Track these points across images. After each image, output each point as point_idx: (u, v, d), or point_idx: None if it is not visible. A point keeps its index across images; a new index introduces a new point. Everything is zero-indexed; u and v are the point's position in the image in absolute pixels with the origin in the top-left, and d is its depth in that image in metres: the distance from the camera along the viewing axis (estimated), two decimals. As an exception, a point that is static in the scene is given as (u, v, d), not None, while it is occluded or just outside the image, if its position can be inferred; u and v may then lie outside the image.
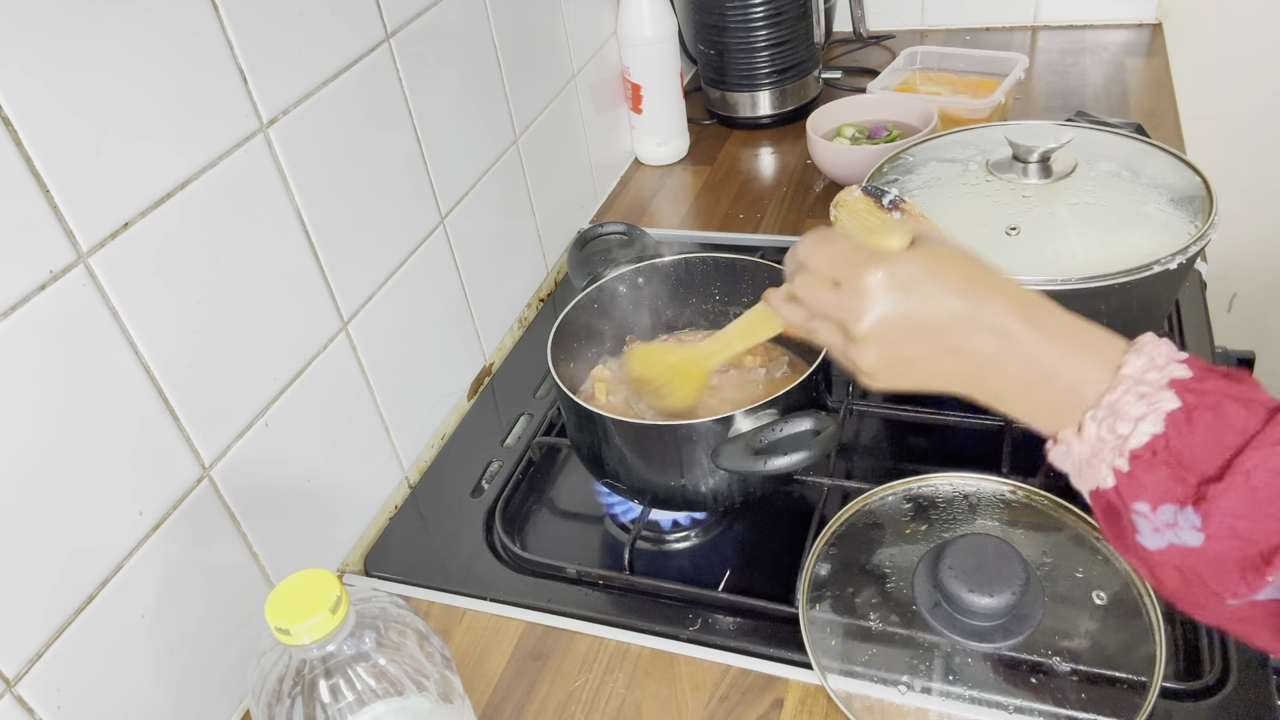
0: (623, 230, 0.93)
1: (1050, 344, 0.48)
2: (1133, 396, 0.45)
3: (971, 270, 0.50)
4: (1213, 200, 0.74)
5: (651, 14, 1.21)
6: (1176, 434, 0.43)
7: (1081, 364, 0.47)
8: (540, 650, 0.70)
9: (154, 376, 0.60)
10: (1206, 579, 0.43)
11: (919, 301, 0.49)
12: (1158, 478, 0.44)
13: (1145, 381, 0.45)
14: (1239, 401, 0.43)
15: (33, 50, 0.51)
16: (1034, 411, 0.49)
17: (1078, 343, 0.48)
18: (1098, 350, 0.47)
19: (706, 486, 0.73)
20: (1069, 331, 0.48)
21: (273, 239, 0.69)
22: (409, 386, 0.87)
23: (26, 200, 0.51)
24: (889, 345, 0.51)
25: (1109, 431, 0.45)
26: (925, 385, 0.52)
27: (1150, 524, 0.44)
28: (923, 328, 0.50)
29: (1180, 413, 0.43)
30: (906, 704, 0.60)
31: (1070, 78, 1.34)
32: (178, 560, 0.63)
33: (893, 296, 0.50)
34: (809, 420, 0.67)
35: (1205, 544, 0.42)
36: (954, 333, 0.49)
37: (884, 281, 0.50)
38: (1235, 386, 0.44)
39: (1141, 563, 0.46)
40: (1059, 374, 0.47)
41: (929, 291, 0.49)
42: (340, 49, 0.74)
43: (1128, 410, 0.44)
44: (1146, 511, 0.44)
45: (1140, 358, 0.45)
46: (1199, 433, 0.43)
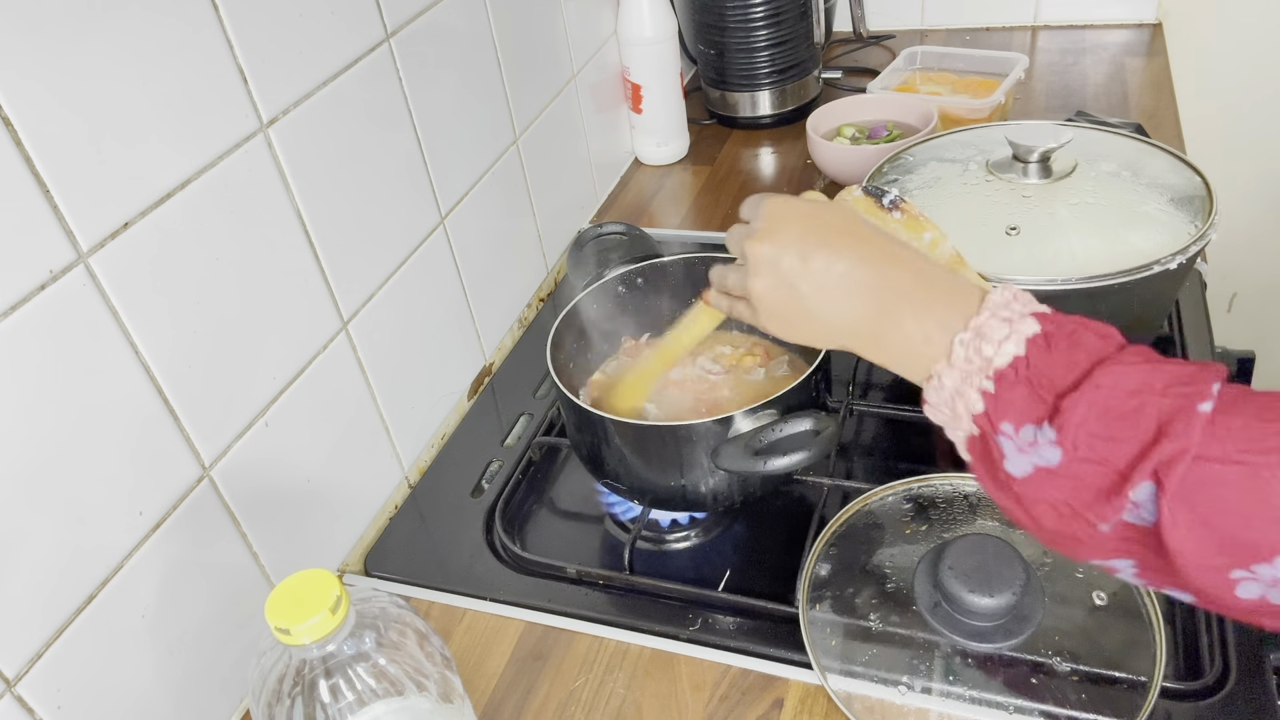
0: (622, 230, 0.93)
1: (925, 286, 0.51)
2: (997, 320, 0.48)
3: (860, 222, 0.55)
4: (1213, 200, 0.74)
5: (651, 14, 1.21)
6: (1036, 355, 0.46)
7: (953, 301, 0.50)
8: (540, 650, 0.70)
9: (154, 376, 0.60)
10: (1076, 507, 0.45)
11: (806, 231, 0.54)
12: (1019, 395, 0.46)
13: (1008, 308, 0.48)
14: (1095, 333, 0.47)
15: (33, 50, 0.51)
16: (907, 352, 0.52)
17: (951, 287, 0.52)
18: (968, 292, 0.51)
19: (706, 486, 0.73)
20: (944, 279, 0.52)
21: (273, 239, 0.69)
22: (409, 386, 0.87)
23: (26, 200, 0.51)
24: (776, 269, 0.55)
25: (975, 353, 0.48)
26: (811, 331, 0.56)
27: (1015, 445, 0.46)
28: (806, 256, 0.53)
29: (1040, 337, 0.47)
30: (906, 704, 0.60)
31: (1070, 78, 1.34)
32: (178, 560, 0.63)
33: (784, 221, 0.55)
34: (809, 420, 0.67)
35: (1063, 462, 0.44)
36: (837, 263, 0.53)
37: (779, 209, 0.55)
38: (1093, 323, 0.47)
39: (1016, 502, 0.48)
40: (931, 311, 0.51)
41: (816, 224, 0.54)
42: (340, 49, 0.74)
43: (992, 333, 0.47)
44: (1010, 432, 0.46)
45: (1005, 293, 0.49)
46: (1057, 354, 0.46)
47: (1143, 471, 0.42)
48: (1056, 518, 0.46)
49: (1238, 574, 0.41)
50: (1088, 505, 0.44)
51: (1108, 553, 0.46)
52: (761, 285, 0.56)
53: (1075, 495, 0.45)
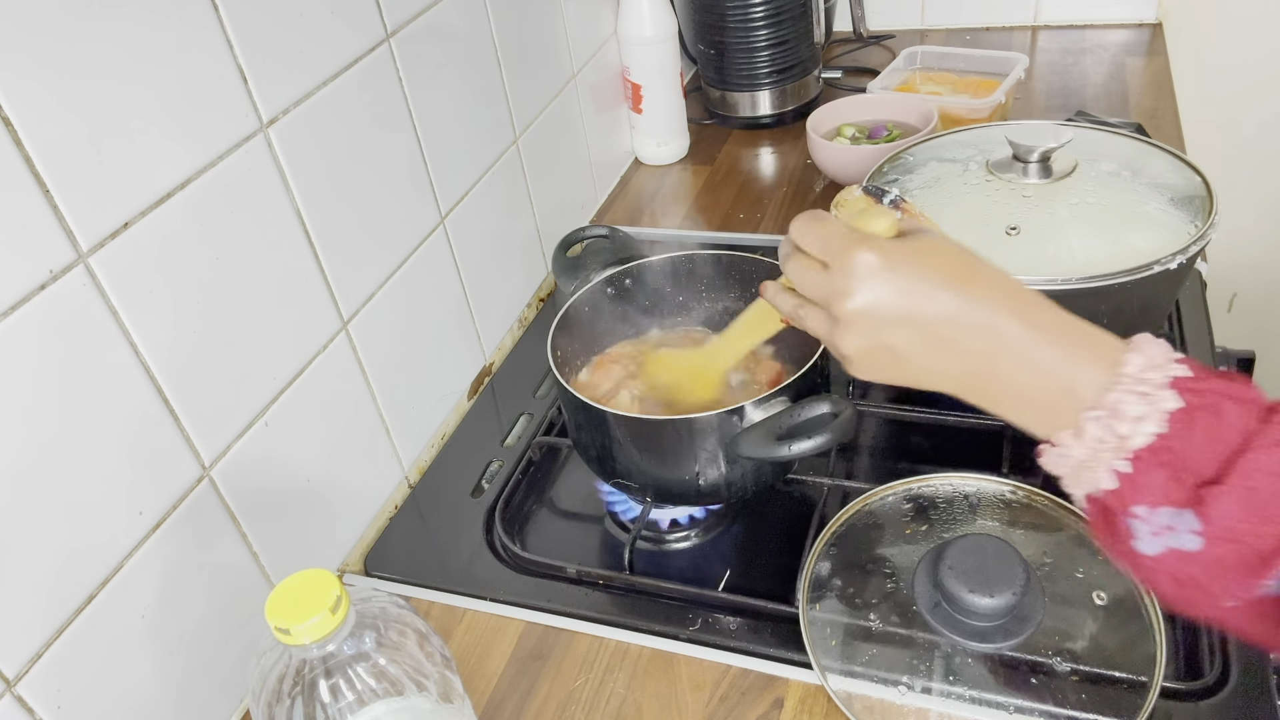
0: (604, 233, 0.94)
1: (1046, 342, 0.46)
2: (1133, 396, 0.43)
3: (964, 262, 0.49)
4: (1213, 200, 0.74)
5: (651, 14, 1.21)
6: (1177, 435, 0.42)
7: (1078, 363, 0.46)
8: (540, 650, 0.70)
9: (154, 376, 0.60)
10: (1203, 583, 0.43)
11: (908, 290, 0.48)
12: (1157, 479, 0.43)
13: (1145, 380, 0.44)
14: (1236, 401, 0.43)
15: (33, 50, 0.51)
16: (1027, 413, 0.48)
17: (1074, 342, 0.46)
18: (1095, 349, 0.46)
19: (721, 478, 0.73)
20: (1065, 330, 0.47)
21: (273, 239, 0.69)
22: (409, 386, 0.87)
23: (26, 200, 0.51)
24: (872, 331, 0.49)
25: (1109, 432, 0.44)
26: (911, 380, 0.50)
27: (1149, 528, 0.43)
28: (908, 316, 0.48)
29: (1181, 413, 0.43)
30: (906, 704, 0.60)
31: (1070, 78, 1.34)
32: (178, 560, 0.63)
33: (880, 280, 0.48)
34: (825, 404, 0.67)
35: (1204, 548, 0.42)
36: (942, 326, 0.47)
37: (872, 264, 0.48)
38: (1232, 386, 0.43)
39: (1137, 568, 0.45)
40: (1055, 374, 0.46)
41: (918, 279, 0.48)
42: (340, 49, 0.74)
43: (1128, 410, 0.43)
44: (1145, 514, 0.43)
45: (1140, 357, 0.44)
46: (1198, 433, 0.42)
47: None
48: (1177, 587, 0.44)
49: None
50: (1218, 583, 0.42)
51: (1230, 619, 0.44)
52: (855, 345, 0.50)
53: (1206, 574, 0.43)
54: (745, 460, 0.71)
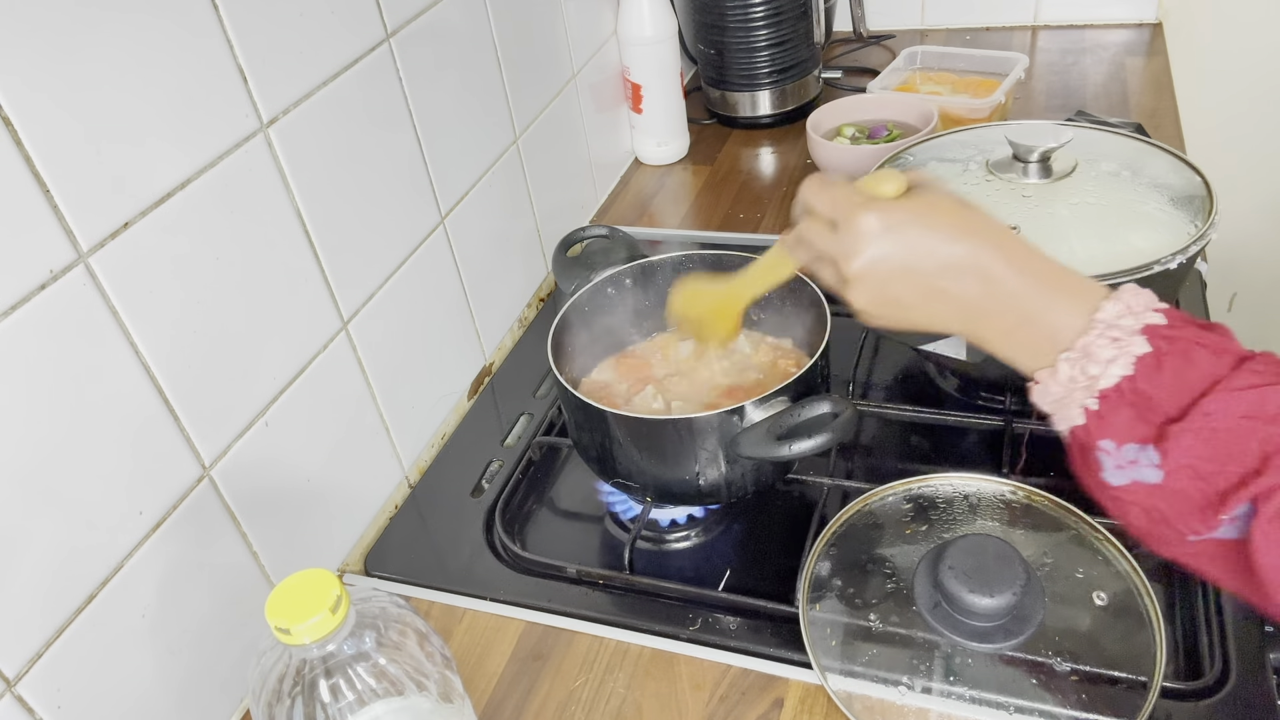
0: (604, 233, 0.94)
1: (1033, 288, 0.50)
2: (1105, 340, 0.47)
3: (960, 216, 0.52)
4: (1213, 200, 0.74)
5: (651, 14, 1.21)
6: (1144, 377, 0.46)
7: (1061, 308, 0.49)
8: (540, 650, 0.70)
9: (154, 376, 0.60)
10: (1169, 517, 0.46)
11: (908, 245, 0.52)
12: (1123, 417, 0.46)
13: (1118, 326, 0.47)
14: (1208, 349, 0.46)
15: (33, 50, 0.51)
16: (1015, 352, 0.51)
17: (1059, 288, 0.50)
18: (1078, 295, 0.49)
19: (721, 478, 0.73)
20: (1052, 277, 0.50)
21: (273, 239, 0.69)
22: (409, 386, 0.87)
23: (26, 200, 0.51)
24: (879, 285, 0.53)
25: (1081, 372, 0.47)
26: (916, 324, 0.55)
27: (1114, 460, 0.46)
28: (911, 270, 0.52)
29: (1150, 357, 0.46)
30: (907, 704, 0.60)
31: (1070, 77, 1.34)
32: (178, 560, 0.63)
33: (884, 240, 0.52)
34: (826, 404, 0.67)
35: (1165, 480, 0.45)
36: (941, 276, 0.52)
37: (876, 225, 0.52)
38: (1207, 335, 0.46)
39: (1110, 500, 0.48)
40: (1039, 317, 0.50)
41: (918, 236, 0.52)
42: (340, 49, 0.74)
43: (1099, 353, 0.47)
44: (1111, 449, 0.46)
45: (1117, 304, 0.48)
46: (1166, 376, 0.45)
47: (1242, 497, 0.43)
48: (1148, 521, 0.47)
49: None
50: (1181, 518, 0.45)
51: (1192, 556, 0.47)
52: (864, 299, 0.55)
53: (1170, 507, 0.45)
54: (745, 460, 0.71)
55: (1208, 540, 0.45)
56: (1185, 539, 0.46)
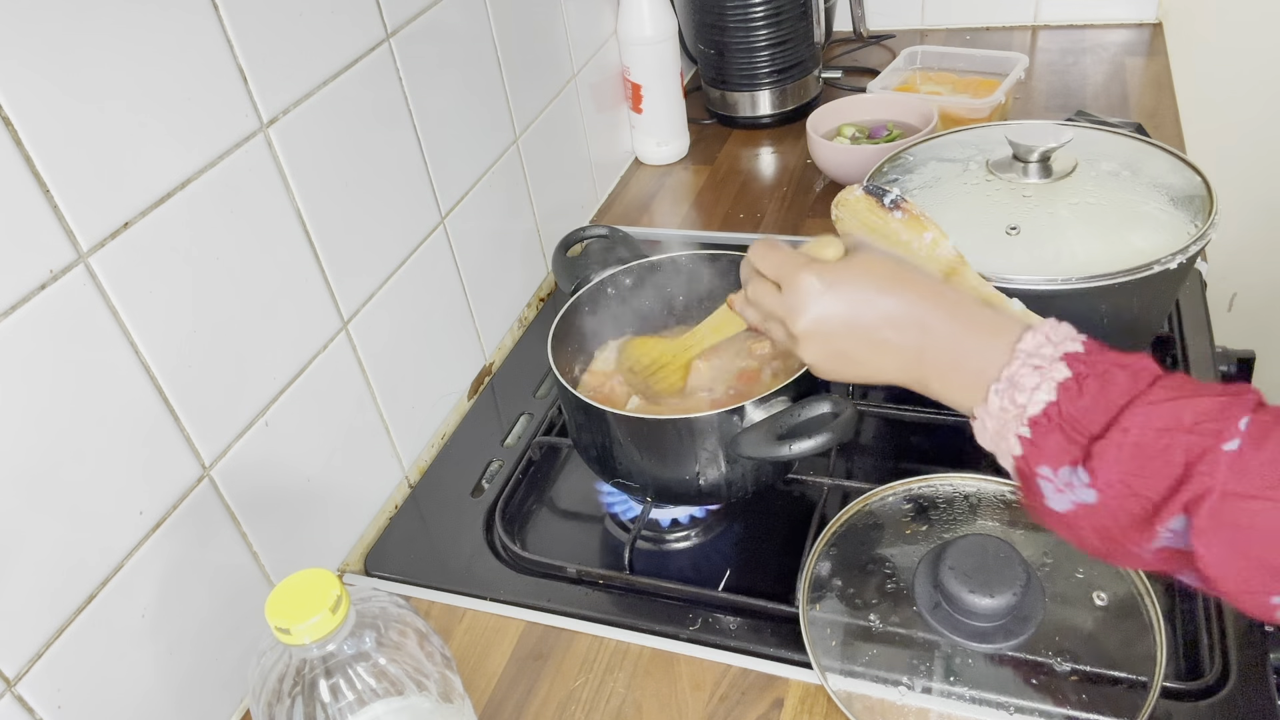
0: (604, 233, 0.94)
1: (963, 332, 0.53)
2: (1028, 369, 0.49)
3: (894, 271, 0.56)
4: (1213, 200, 0.74)
5: (651, 14, 1.21)
6: (1067, 400, 0.47)
7: (987, 345, 0.52)
8: (540, 650, 0.70)
9: (154, 376, 0.60)
10: (1115, 534, 0.47)
11: (848, 301, 0.55)
12: (1054, 442, 0.47)
13: (1039, 355, 0.49)
14: (1126, 370, 0.47)
15: (33, 50, 0.51)
16: (953, 393, 0.54)
17: (987, 328, 0.52)
18: (1002, 332, 0.52)
19: (721, 478, 0.73)
20: (980, 320, 0.53)
21: (273, 239, 0.69)
22: (409, 386, 0.87)
23: (26, 200, 0.51)
24: (825, 340, 0.56)
25: (1010, 402, 0.49)
26: (865, 377, 0.57)
27: (1053, 486, 0.48)
28: (853, 325, 0.55)
29: (1071, 382, 0.48)
30: (906, 704, 0.60)
31: (1070, 77, 1.34)
32: (178, 560, 0.63)
33: (826, 297, 0.55)
34: (826, 404, 0.67)
35: (1100, 499, 0.46)
36: (881, 328, 0.54)
37: (817, 284, 0.56)
38: (1126, 357, 0.48)
39: (1062, 526, 0.49)
40: (970, 357, 0.52)
41: (857, 292, 0.55)
42: (340, 48, 0.74)
43: (1024, 381, 0.49)
44: (1049, 474, 0.48)
45: (1036, 335, 0.50)
46: (1087, 398, 0.47)
47: (1173, 507, 0.44)
48: (1100, 541, 0.48)
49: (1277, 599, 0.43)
50: (1125, 534, 0.46)
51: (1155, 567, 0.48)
52: (812, 355, 0.57)
53: (1114, 524, 0.46)
54: (745, 460, 0.71)
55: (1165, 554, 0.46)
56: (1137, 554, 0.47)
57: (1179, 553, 0.45)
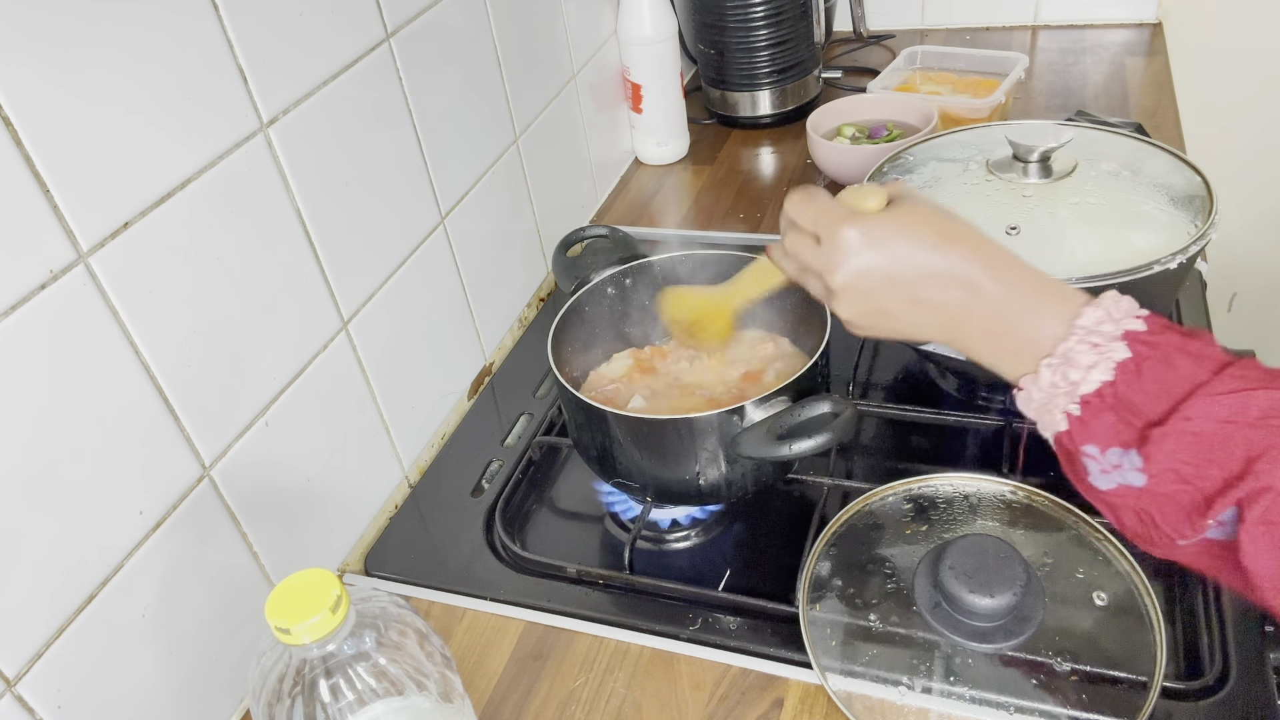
0: (604, 233, 0.94)
1: (1014, 296, 0.51)
2: (1085, 346, 0.47)
3: (941, 226, 0.53)
4: (1213, 200, 0.74)
5: (651, 14, 1.21)
6: (1125, 382, 0.46)
7: (1042, 315, 0.50)
8: (540, 650, 0.70)
9: (154, 376, 0.60)
10: (1157, 521, 0.46)
11: (890, 257, 0.53)
12: (1105, 422, 0.46)
13: (1099, 332, 0.47)
14: (1189, 355, 0.46)
15: (33, 50, 0.51)
16: (999, 359, 0.52)
17: (1040, 295, 0.50)
18: (1059, 302, 0.50)
19: (721, 478, 0.73)
20: (1033, 284, 0.51)
21: (273, 238, 0.69)
22: (409, 386, 0.87)
23: (26, 200, 0.51)
24: (864, 296, 0.54)
25: (1062, 378, 0.48)
26: (902, 334, 0.56)
27: (1099, 465, 0.47)
28: (894, 281, 0.53)
29: (1130, 362, 0.46)
30: (906, 704, 0.60)
31: (1070, 77, 1.34)
32: (178, 560, 0.63)
33: (866, 253, 0.53)
34: (826, 404, 0.67)
35: (1149, 484, 0.45)
36: (923, 286, 0.52)
37: (858, 238, 0.53)
38: (1188, 341, 0.47)
39: (1101, 503, 0.49)
40: (1020, 324, 0.50)
41: (900, 247, 0.53)
42: (340, 48, 0.74)
43: (1080, 359, 0.47)
44: (1095, 454, 0.47)
45: (1097, 310, 0.48)
46: (1146, 381, 0.46)
47: (1226, 501, 0.43)
48: (1138, 523, 0.47)
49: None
50: (1169, 522, 0.45)
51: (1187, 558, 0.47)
52: (850, 310, 0.56)
53: (1158, 511, 0.46)
54: (746, 460, 0.71)
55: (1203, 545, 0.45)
56: (1175, 542, 0.46)
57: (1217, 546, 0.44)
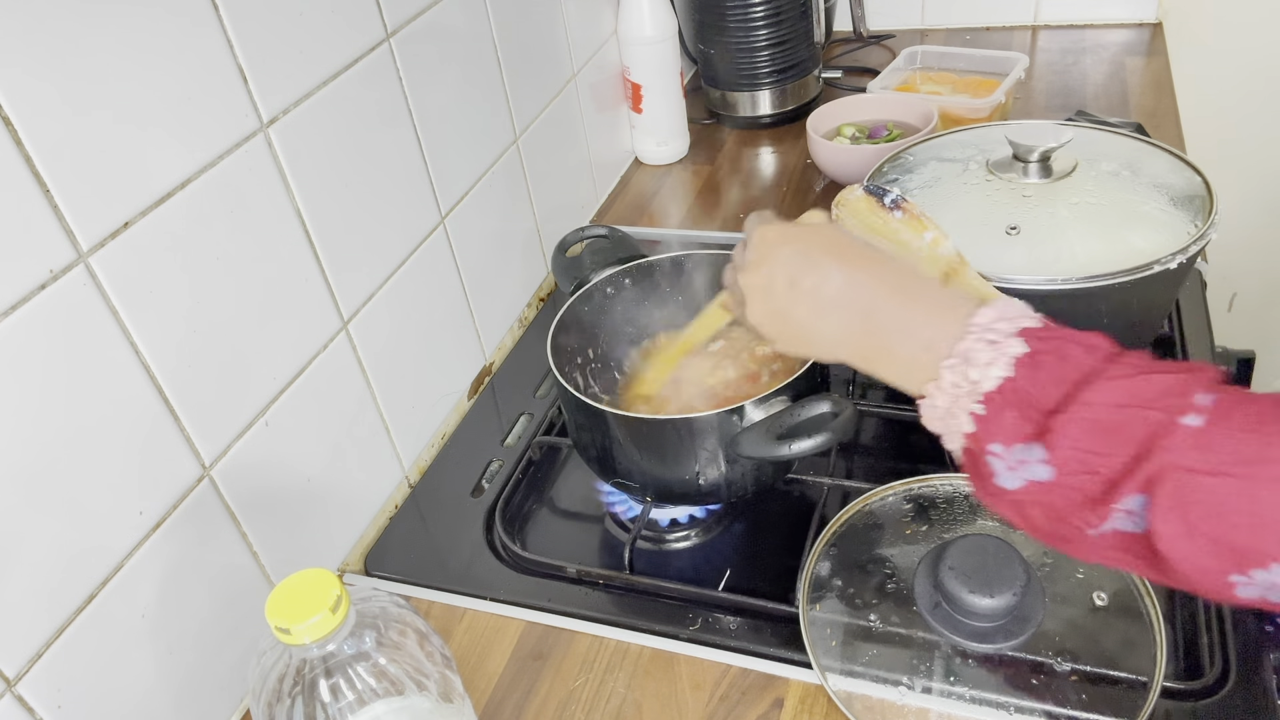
0: (604, 233, 0.94)
1: (911, 304, 0.52)
2: (982, 344, 0.48)
3: (848, 241, 0.56)
4: (1213, 200, 0.74)
5: (651, 13, 1.21)
6: (1023, 376, 0.46)
7: (938, 321, 0.51)
8: (540, 650, 0.70)
9: (154, 376, 0.60)
10: (1065, 514, 0.46)
11: (796, 259, 0.55)
12: (1008, 418, 0.47)
13: (994, 330, 0.48)
14: (1082, 346, 0.46)
15: (33, 50, 0.51)
16: (900, 370, 0.52)
17: (936, 303, 0.52)
18: (954, 309, 0.51)
19: (721, 478, 0.73)
20: (929, 294, 0.52)
21: (273, 239, 0.69)
22: (409, 386, 0.87)
23: (26, 200, 0.51)
24: (767, 296, 0.56)
25: (963, 378, 0.48)
26: (805, 344, 0.57)
27: (1005, 463, 0.47)
28: (796, 283, 0.55)
29: (1026, 357, 0.47)
30: (906, 704, 0.60)
31: (1070, 77, 1.34)
32: (178, 560, 0.63)
33: (775, 252, 0.56)
34: (825, 403, 0.67)
35: (1055, 476, 0.45)
36: (824, 291, 0.54)
37: (770, 237, 0.56)
38: (1081, 334, 0.47)
39: (1009, 507, 0.49)
40: (919, 331, 0.51)
41: (807, 251, 0.55)
42: (341, 48, 0.74)
43: (978, 356, 0.48)
44: (1001, 451, 0.47)
45: (991, 311, 0.49)
46: (1043, 374, 0.46)
47: (1131, 484, 0.43)
48: (1048, 520, 0.47)
49: (1235, 578, 0.42)
50: (1076, 512, 0.45)
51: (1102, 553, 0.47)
52: (755, 313, 0.58)
53: (1067, 503, 0.46)
54: (745, 460, 0.71)
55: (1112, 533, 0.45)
56: (1085, 534, 0.46)
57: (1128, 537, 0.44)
